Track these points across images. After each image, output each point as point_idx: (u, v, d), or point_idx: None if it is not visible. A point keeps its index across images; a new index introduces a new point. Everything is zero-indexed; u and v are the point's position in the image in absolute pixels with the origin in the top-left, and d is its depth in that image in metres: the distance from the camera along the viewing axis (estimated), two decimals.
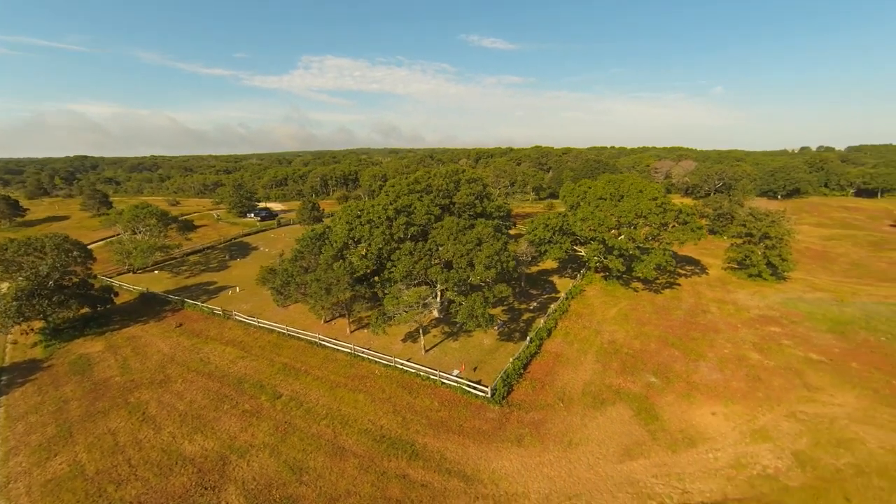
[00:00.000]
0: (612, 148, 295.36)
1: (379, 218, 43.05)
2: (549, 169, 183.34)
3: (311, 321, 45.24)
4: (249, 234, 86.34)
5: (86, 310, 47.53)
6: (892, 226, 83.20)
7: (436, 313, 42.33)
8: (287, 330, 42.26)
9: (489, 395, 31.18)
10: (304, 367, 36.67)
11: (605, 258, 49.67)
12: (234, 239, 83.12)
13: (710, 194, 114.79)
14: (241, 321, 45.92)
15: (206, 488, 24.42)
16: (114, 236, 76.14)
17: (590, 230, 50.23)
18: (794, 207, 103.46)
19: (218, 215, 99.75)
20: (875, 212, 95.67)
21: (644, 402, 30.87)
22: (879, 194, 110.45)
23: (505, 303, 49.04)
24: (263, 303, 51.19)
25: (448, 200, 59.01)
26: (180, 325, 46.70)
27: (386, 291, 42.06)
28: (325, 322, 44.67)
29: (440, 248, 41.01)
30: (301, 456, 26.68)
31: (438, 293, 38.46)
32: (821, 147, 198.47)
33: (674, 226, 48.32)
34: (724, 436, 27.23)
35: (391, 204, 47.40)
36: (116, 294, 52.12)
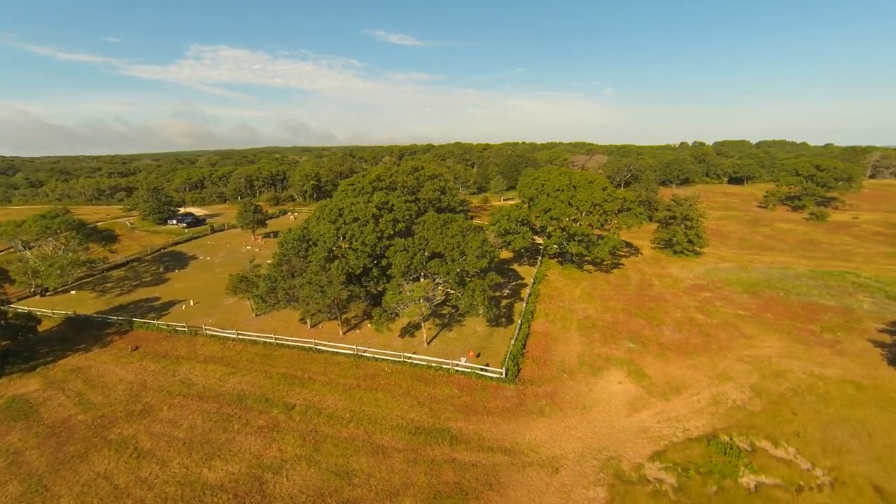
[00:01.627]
0: (524, 143, 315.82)
1: (365, 216, 42.69)
2: (472, 164, 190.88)
3: (293, 328, 43.33)
4: (180, 243, 77.42)
5: (4, 343, 39.66)
6: (758, 206, 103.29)
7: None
8: (275, 339, 40.08)
9: (503, 376, 33.62)
10: (307, 375, 35.45)
11: (567, 245, 55.05)
12: (164, 249, 74.00)
13: (621, 185, 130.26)
14: (214, 335, 42.21)
15: None
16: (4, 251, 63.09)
17: (551, 219, 55.17)
18: (687, 194, 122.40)
19: (131, 223, 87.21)
20: (745, 196, 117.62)
21: (630, 364, 35.85)
22: (745, 181, 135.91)
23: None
24: (230, 314, 47.52)
25: (414, 196, 59.87)
26: (136, 348, 41.41)
27: (380, 289, 42.16)
28: (312, 327, 43.16)
29: (430, 242, 42.14)
30: (342, 461, 26.46)
31: (436, 286, 39.62)
32: (695, 142, 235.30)
33: (620, 212, 55.23)
34: (699, 382, 33.10)
35: (369, 201, 47.13)
36: (39, 321, 44.13)
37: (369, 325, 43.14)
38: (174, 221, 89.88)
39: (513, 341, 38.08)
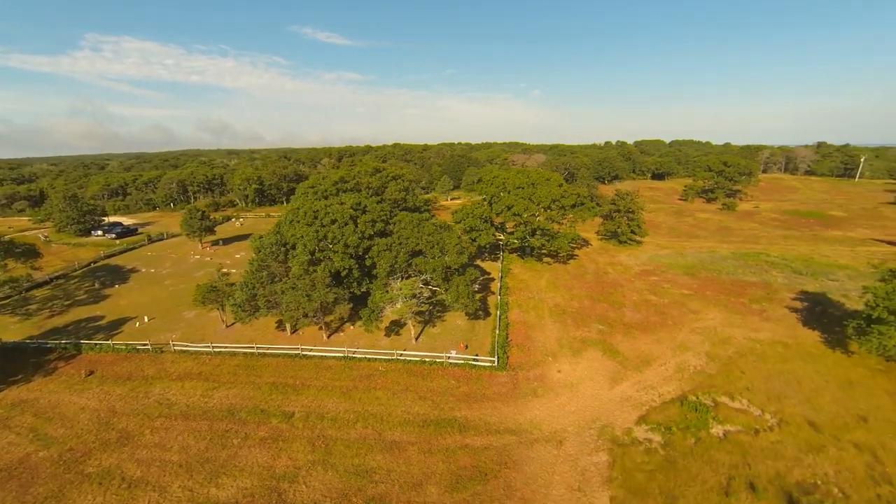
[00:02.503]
0: (460, 144, 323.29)
1: (342, 217, 42.32)
2: (414, 165, 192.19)
3: (271, 336, 41.83)
4: (114, 256, 69.66)
5: None
6: (679, 199, 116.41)
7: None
8: (257, 348, 38.44)
9: (495, 364, 35.60)
10: (299, 382, 34.65)
11: (529, 239, 58.57)
12: (94, 263, 66.18)
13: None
14: (184, 351, 39.40)
15: None
16: None
17: (513, 215, 58.40)
18: (628, 189, 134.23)
19: (45, 236, 76.51)
20: (667, 190, 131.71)
21: (603, 343, 39.65)
22: (665, 177, 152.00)
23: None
24: (194, 328, 44.56)
25: (379, 197, 59.94)
26: (91, 372, 37.38)
27: (363, 290, 42.11)
28: (292, 333, 41.93)
29: (409, 241, 42.90)
30: (357, 461, 26.67)
31: (424, 283, 40.51)
32: (618, 142, 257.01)
33: (574, 207, 59.92)
34: (664, 354, 37.63)
35: (342, 203, 46.73)
36: None
37: (352, 327, 42.94)
38: (99, 232, 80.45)
39: (497, 331, 40.26)
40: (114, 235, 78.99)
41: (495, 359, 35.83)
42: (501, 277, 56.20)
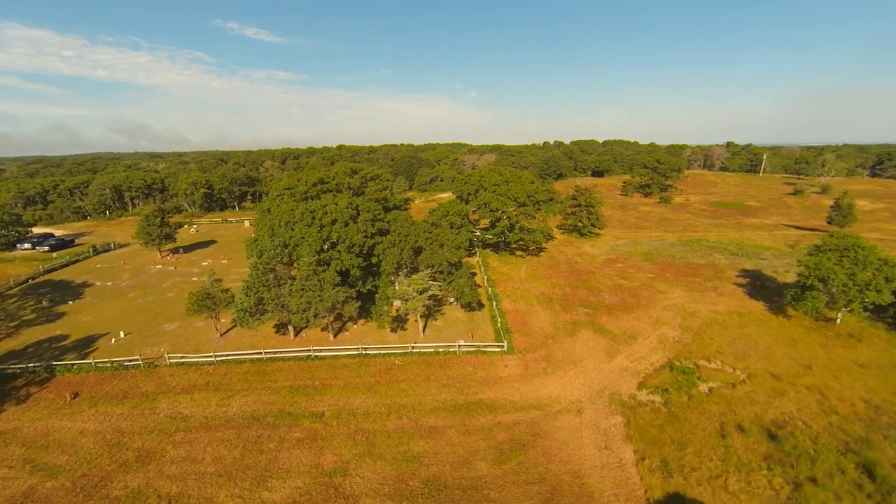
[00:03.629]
0: (404, 145, 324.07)
1: (343, 217, 42.52)
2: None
3: (273, 341, 40.91)
4: (55, 270, 62.21)
5: None
6: (620, 195, 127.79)
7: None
8: (265, 354, 37.60)
9: (505, 349, 38.32)
10: (318, 383, 34.71)
11: (507, 234, 62.17)
12: (32, 279, 58.80)
13: None
14: (181, 363, 37.40)
15: None
16: None
17: (491, 212, 61.69)
18: (565, 186, 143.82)
19: None
20: (608, 186, 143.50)
21: (592, 324, 43.97)
22: (604, 174, 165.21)
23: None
24: (182, 339, 42.33)
25: (363, 197, 60.19)
26: (76, 395, 34.35)
27: (368, 288, 42.70)
28: (296, 336, 41.37)
29: (409, 238, 44.22)
30: (402, 448, 27.89)
31: (432, 277, 42.00)
32: (556, 142, 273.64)
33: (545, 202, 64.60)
34: (645, 329, 42.70)
35: (335, 203, 46.72)
36: None
37: (355, 326, 43.30)
38: (27, 245, 71.07)
39: (499, 320, 43.02)
40: (47, 248, 70.27)
41: (504, 344, 38.53)
42: (484, 271, 59.15)
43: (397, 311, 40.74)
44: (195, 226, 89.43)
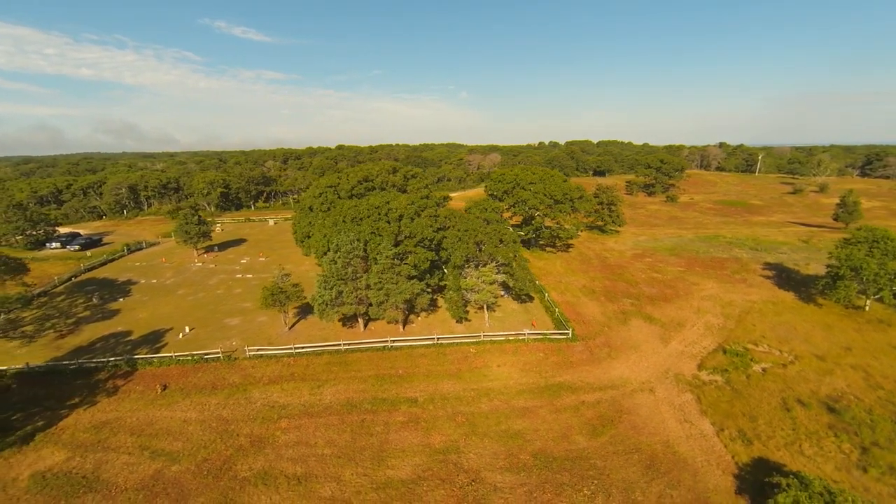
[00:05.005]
0: (398, 145, 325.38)
1: (408, 212, 44.28)
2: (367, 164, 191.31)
3: (342, 333, 42.44)
4: (94, 268, 62.25)
5: None
6: (625, 194, 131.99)
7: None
8: (344, 345, 39.23)
9: (570, 336, 40.82)
10: (401, 372, 36.55)
11: (542, 231, 64.75)
12: (75, 277, 58.81)
13: None
14: (259, 356, 38.70)
15: (474, 481, 25.60)
16: None
17: (528, 209, 64.22)
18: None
19: None
20: (611, 186, 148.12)
21: (640, 313, 46.83)
22: (605, 174, 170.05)
23: None
24: (249, 332, 43.61)
25: (410, 195, 61.94)
26: (165, 387, 35.45)
27: (441, 283, 44.56)
28: (364, 328, 43.03)
29: (468, 232, 46.28)
30: (503, 427, 30.02)
31: (498, 269, 44.11)
32: (551, 142, 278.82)
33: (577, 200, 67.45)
34: (690, 317, 45.74)
35: (388, 201, 48.45)
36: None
37: (418, 318, 45.14)
38: (55, 244, 70.47)
39: (556, 310, 45.52)
40: (77, 247, 69.77)
41: (569, 332, 41.02)
42: None
43: (468, 302, 42.74)
44: (218, 224, 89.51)
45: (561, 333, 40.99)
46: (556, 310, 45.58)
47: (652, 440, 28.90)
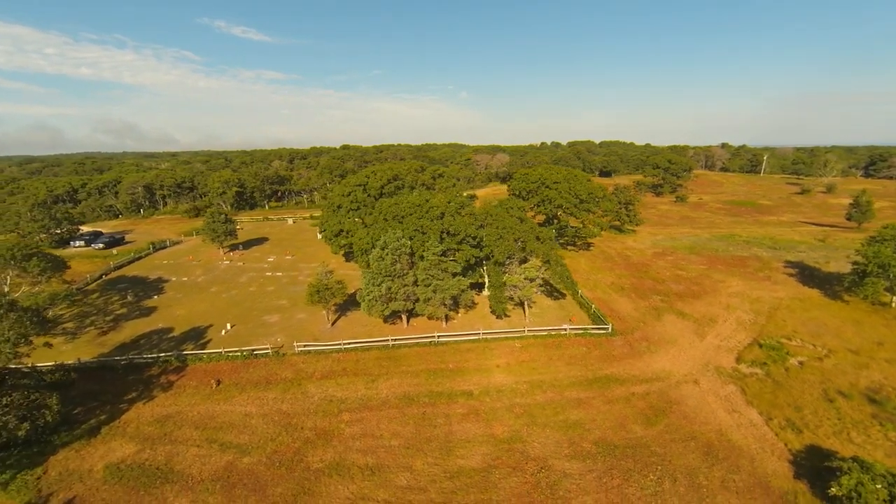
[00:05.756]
0: (400, 145, 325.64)
1: (449, 210, 45.09)
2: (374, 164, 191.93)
3: (386, 329, 43.12)
4: (122, 266, 62.64)
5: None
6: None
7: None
8: (392, 341, 40.02)
9: (609, 331, 41.89)
10: (451, 366, 37.36)
11: (567, 229, 65.85)
12: (105, 275, 59.17)
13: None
14: (307, 351, 39.44)
15: (543, 468, 26.54)
16: None
17: (554, 207, 65.37)
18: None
19: None
20: (619, 186, 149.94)
21: (671, 309, 47.98)
22: (612, 174, 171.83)
23: None
24: (295, 330, 44.26)
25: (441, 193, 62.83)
26: (219, 381, 36.09)
27: (479, 280, 45.45)
28: (407, 324, 43.84)
29: (507, 230, 47.18)
30: (560, 416, 31.04)
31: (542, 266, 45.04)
32: (553, 142, 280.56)
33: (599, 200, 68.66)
34: (720, 313, 46.92)
35: (428, 199, 49.26)
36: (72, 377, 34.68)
37: (458, 314, 45.93)
38: (79, 243, 70.62)
39: (592, 306, 46.60)
40: (102, 245, 70.03)
41: (608, 326, 42.09)
42: None
43: (510, 297, 43.66)
44: (238, 224, 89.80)
45: (601, 328, 42.05)
46: (592, 306, 46.66)
47: (705, 429, 30.00)
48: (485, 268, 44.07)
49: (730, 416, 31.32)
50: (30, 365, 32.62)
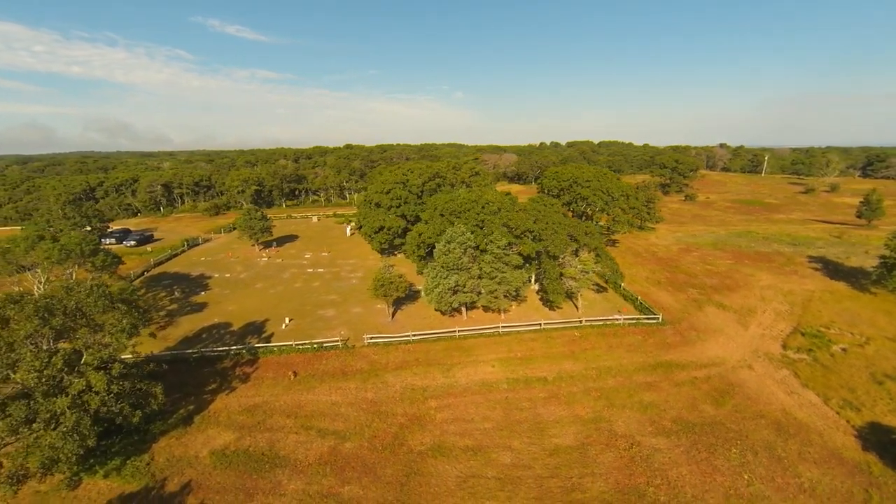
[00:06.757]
0: (399, 145, 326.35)
1: (504, 206, 46.73)
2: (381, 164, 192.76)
3: (446, 321, 44.61)
4: (161, 263, 63.06)
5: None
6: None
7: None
8: (458, 332, 41.54)
9: (660, 321, 44.01)
10: (519, 355, 39.01)
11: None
12: (147, 272, 59.60)
13: (533, 180, 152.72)
14: (374, 343, 40.70)
15: (633, 444, 28.39)
16: None
17: (587, 205, 67.51)
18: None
19: None
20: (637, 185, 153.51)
21: (710, 301, 50.29)
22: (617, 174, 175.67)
23: None
24: (357, 323, 45.51)
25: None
26: (296, 373, 37.21)
27: (541, 273, 47.16)
28: (465, 317, 45.34)
29: (561, 226, 48.86)
30: (635, 399, 32.93)
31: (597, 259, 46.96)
32: (552, 142, 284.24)
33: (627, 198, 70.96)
34: (758, 305, 49.37)
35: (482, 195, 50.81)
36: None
37: (514, 306, 47.48)
38: (110, 240, 70.56)
39: (638, 298, 48.72)
40: (133, 242, 70.23)
41: (659, 316, 44.23)
42: None
43: (567, 289, 45.47)
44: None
45: (651, 318, 44.13)
46: (638, 298, 48.77)
47: (770, 408, 32.16)
48: (539, 261, 45.69)
49: (789, 397, 33.55)
50: (136, 355, 33.59)
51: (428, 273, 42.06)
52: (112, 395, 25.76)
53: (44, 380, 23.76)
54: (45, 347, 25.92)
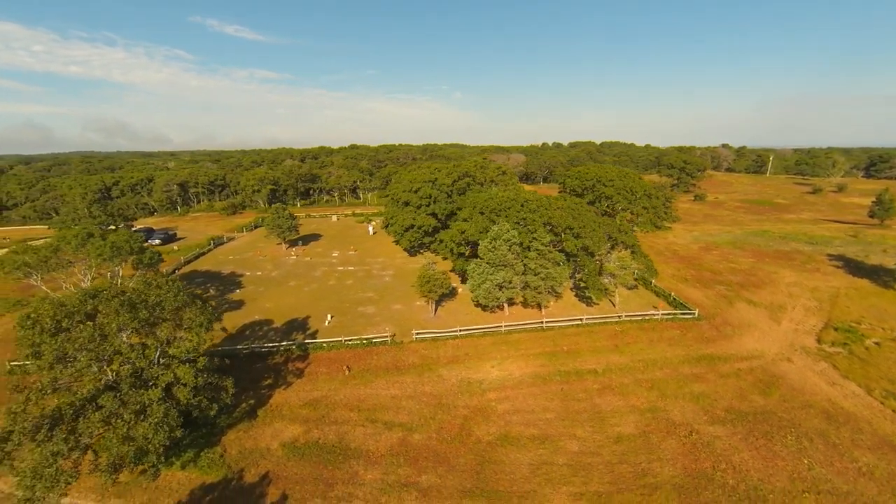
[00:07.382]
0: (401, 145, 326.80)
1: (543, 205, 47.72)
2: (385, 165, 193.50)
3: (489, 317, 45.48)
4: (190, 262, 63.62)
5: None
6: None
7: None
8: (504, 327, 42.48)
9: (696, 315, 45.22)
10: (564, 349, 40.02)
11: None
12: (177, 270, 60.08)
13: (542, 181, 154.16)
14: (421, 339, 41.53)
15: (693, 432, 29.46)
16: None
17: (611, 204, 68.78)
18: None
19: None
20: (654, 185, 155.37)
21: (739, 297, 51.62)
22: None
23: None
24: (401, 320, 46.25)
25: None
26: (349, 368, 37.94)
27: (580, 271, 48.19)
28: (507, 313, 46.26)
29: (602, 225, 49.87)
30: (686, 389, 34.04)
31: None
32: (554, 143, 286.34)
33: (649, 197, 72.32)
34: (786, 301, 50.73)
35: (519, 193, 51.76)
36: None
37: (552, 302, 48.44)
38: None
39: (671, 294, 49.92)
40: (158, 241, 70.61)
41: (695, 311, 45.45)
42: None
43: (606, 285, 46.56)
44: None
45: (687, 313, 45.34)
46: (671, 294, 49.98)
47: (815, 399, 33.39)
48: (577, 258, 46.69)
49: (832, 388, 34.81)
50: (212, 349, 34.17)
51: (474, 269, 42.96)
52: (198, 388, 26.41)
53: (136, 372, 24.38)
54: (127, 341, 26.54)
